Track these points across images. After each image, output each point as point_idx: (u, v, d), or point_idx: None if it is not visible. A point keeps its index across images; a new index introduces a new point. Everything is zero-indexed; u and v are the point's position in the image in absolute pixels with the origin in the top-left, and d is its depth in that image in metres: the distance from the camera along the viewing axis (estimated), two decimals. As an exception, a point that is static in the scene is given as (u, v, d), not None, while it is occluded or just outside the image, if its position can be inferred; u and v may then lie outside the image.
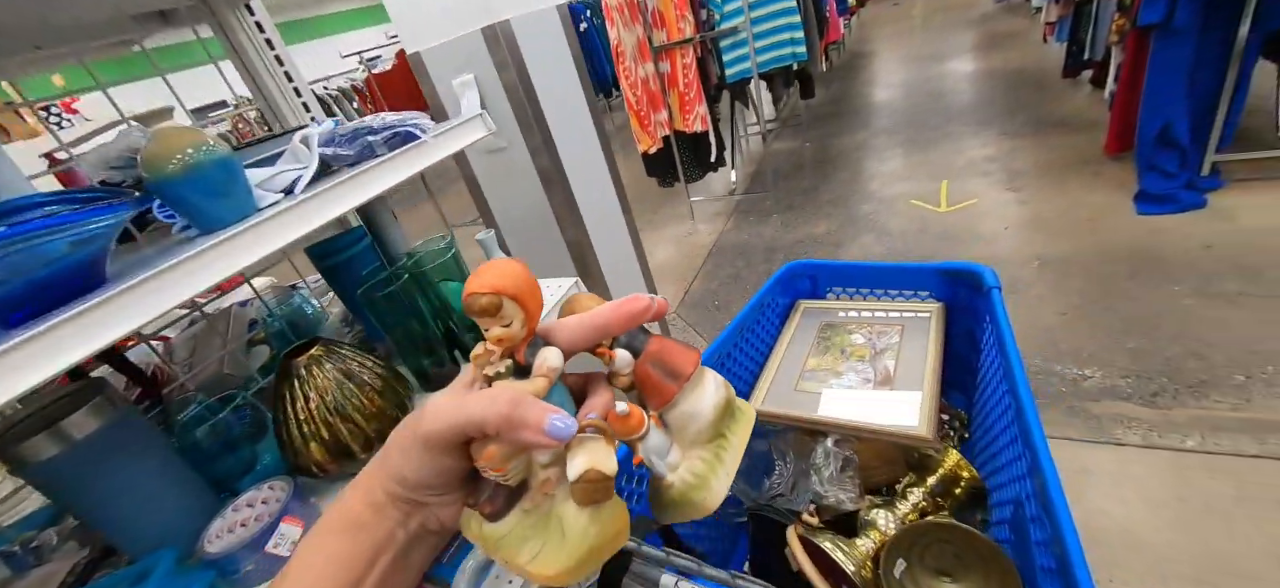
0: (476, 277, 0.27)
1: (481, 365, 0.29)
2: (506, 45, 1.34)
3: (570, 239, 1.65)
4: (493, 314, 0.27)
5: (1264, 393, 1.53)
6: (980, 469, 0.90)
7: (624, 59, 2.86)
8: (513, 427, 0.25)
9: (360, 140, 0.68)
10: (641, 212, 4.14)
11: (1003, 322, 0.85)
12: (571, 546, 0.27)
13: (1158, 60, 2.32)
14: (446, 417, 0.26)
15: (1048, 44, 4.87)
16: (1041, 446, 0.59)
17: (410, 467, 0.28)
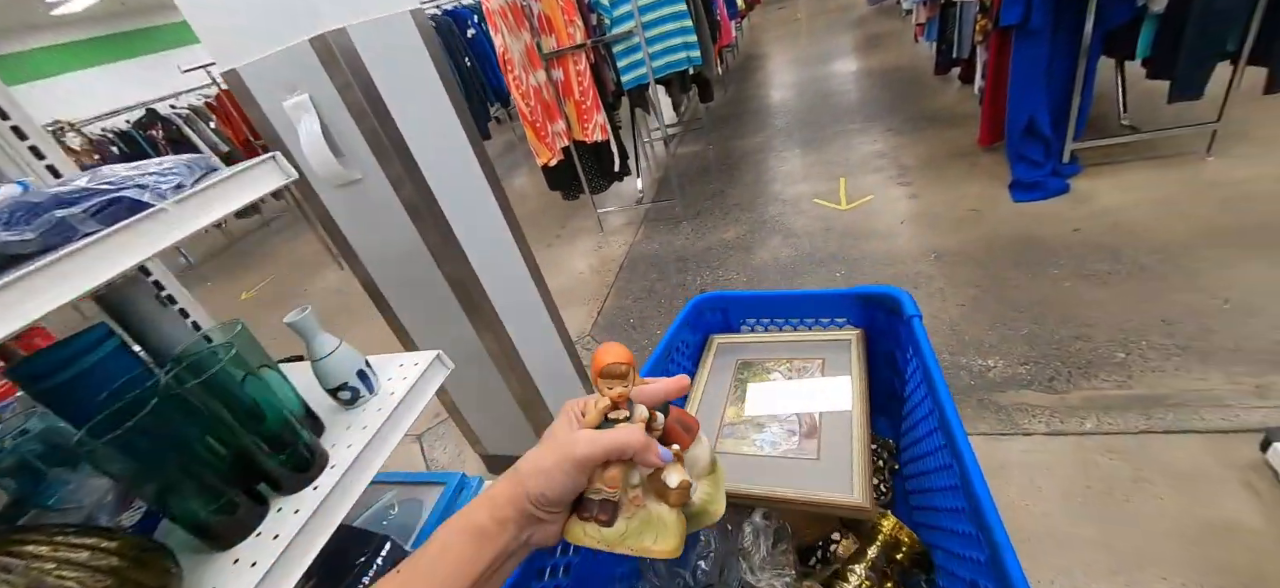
0: (609, 353, 0.42)
1: (612, 413, 0.43)
2: (345, 58, 1.10)
3: (451, 275, 1.43)
4: (624, 377, 0.42)
5: (1141, 367, 1.62)
6: (917, 512, 0.81)
7: (513, 67, 2.64)
8: (645, 453, 0.40)
9: (46, 217, 0.44)
10: (548, 226, 3.92)
11: (929, 356, 0.77)
12: (674, 530, 0.42)
13: (1018, 58, 2.48)
14: (601, 445, 0.39)
15: (918, 44, 5.24)
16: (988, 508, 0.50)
17: (553, 487, 0.39)
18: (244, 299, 4.93)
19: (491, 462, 2.04)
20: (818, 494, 0.73)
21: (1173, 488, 1.31)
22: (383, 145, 1.19)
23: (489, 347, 1.59)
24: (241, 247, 6.55)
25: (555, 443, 0.39)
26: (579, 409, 0.44)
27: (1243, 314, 1.67)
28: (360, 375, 0.72)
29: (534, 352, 1.73)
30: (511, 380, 1.68)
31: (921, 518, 0.84)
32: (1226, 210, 2.09)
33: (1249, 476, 1.29)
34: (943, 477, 0.72)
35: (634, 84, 2.92)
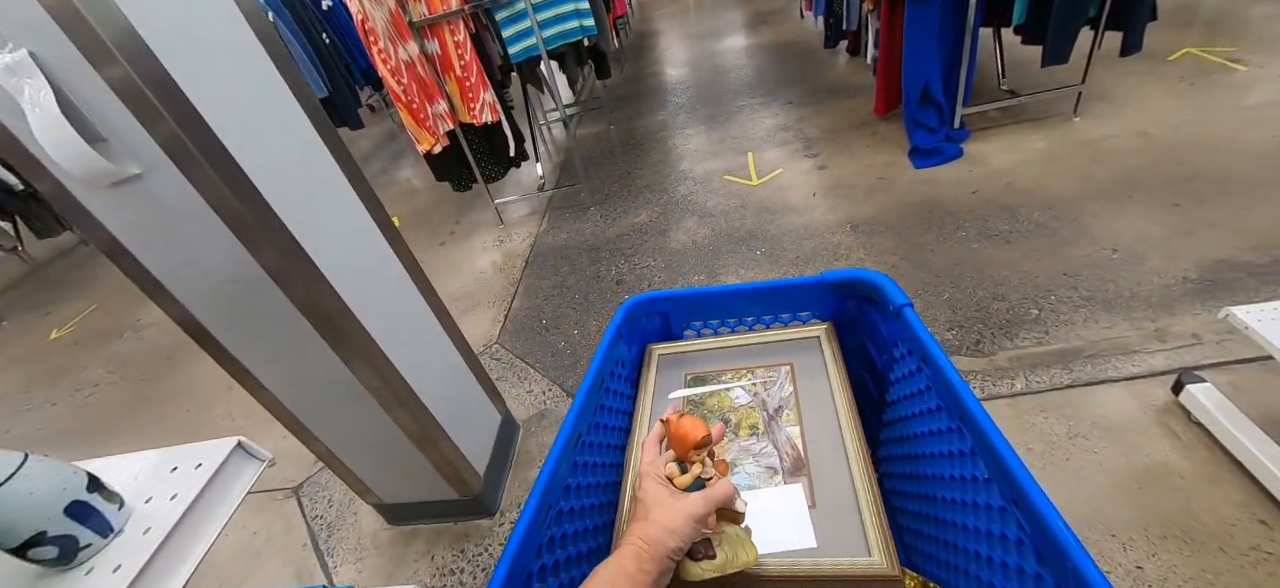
0: (696, 429, 0.53)
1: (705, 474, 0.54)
2: (92, 7, 0.73)
3: (303, 301, 1.09)
4: (710, 445, 0.55)
5: (1054, 321, 1.66)
6: (907, 532, 0.67)
7: (377, 39, 2.22)
8: (731, 500, 0.53)
9: None
10: (443, 223, 3.49)
11: (935, 351, 0.62)
12: (750, 542, 0.55)
13: (912, 26, 2.50)
14: (712, 502, 0.51)
15: (805, 19, 5.36)
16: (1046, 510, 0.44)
17: (683, 538, 0.49)
18: (54, 339, 3.97)
19: (391, 512, 1.70)
20: (820, 564, 0.55)
21: (1106, 441, 1.32)
22: (163, 123, 0.83)
23: (365, 380, 1.26)
24: (51, 272, 5.30)
25: (680, 507, 0.50)
26: (663, 474, 0.54)
27: (1131, 262, 1.77)
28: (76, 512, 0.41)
29: (426, 376, 1.42)
30: (400, 415, 1.36)
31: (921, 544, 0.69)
32: (1098, 164, 2.24)
33: (1166, 419, 1.33)
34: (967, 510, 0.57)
35: (522, 56, 2.60)
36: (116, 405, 2.84)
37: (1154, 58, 2.81)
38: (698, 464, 0.53)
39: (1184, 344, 1.49)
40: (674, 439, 0.54)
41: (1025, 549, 0.46)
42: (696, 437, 0.52)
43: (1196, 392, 1.30)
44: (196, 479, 0.47)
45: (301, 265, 1.06)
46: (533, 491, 0.56)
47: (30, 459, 0.40)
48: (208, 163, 0.88)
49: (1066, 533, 0.42)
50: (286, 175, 1.04)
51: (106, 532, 0.44)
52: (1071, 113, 2.59)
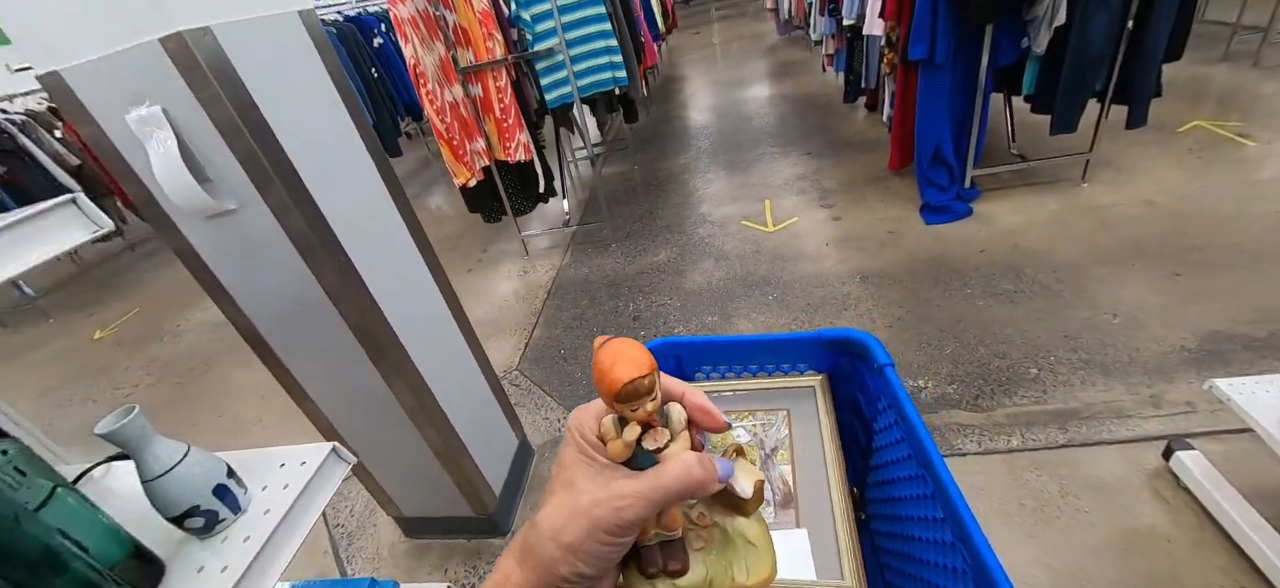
0: (624, 364, 0.29)
1: (649, 442, 0.31)
2: (210, 64, 0.89)
3: (353, 320, 1.22)
4: (651, 392, 0.29)
5: (1052, 382, 1.72)
6: (891, 572, 0.75)
7: (426, 81, 2.43)
8: (705, 487, 0.30)
9: None
10: (468, 251, 3.67)
11: (910, 411, 0.71)
12: (766, 546, 0.34)
13: (924, 90, 2.63)
14: (647, 497, 0.29)
15: (827, 73, 5.55)
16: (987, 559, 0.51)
17: (593, 563, 0.28)
18: (98, 339, 4.20)
19: (409, 525, 1.80)
20: (799, 580, 0.64)
21: (1096, 502, 1.37)
22: (263, 169, 0.98)
23: (401, 397, 1.38)
24: (98, 275, 5.61)
25: (584, 506, 0.29)
26: (595, 433, 0.32)
27: (1131, 328, 1.83)
28: (219, 492, 0.53)
29: (454, 397, 1.54)
30: (429, 432, 1.48)
31: (896, 580, 0.78)
32: (1104, 231, 2.32)
33: (1156, 484, 1.38)
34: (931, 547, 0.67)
35: (558, 103, 2.80)
36: (153, 407, 3.01)
37: (1163, 129, 2.90)
38: (635, 424, 0.30)
39: (1178, 411, 1.54)
40: (596, 375, 0.30)
41: (968, 579, 0.55)
42: (623, 376, 0.28)
43: (1186, 459, 1.35)
44: (302, 474, 0.59)
45: (356, 289, 1.20)
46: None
47: (191, 450, 0.52)
48: (290, 199, 1.03)
49: (995, 566, 0.51)
50: (351, 209, 1.19)
51: (237, 510, 0.56)
52: (1080, 179, 2.67)
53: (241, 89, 0.93)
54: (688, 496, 0.29)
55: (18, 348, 4.37)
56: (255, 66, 0.95)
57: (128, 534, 0.49)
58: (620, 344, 0.30)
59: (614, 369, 0.28)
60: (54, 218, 0.43)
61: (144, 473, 0.50)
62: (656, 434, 0.31)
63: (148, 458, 0.50)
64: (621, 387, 0.28)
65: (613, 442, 0.30)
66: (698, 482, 0.29)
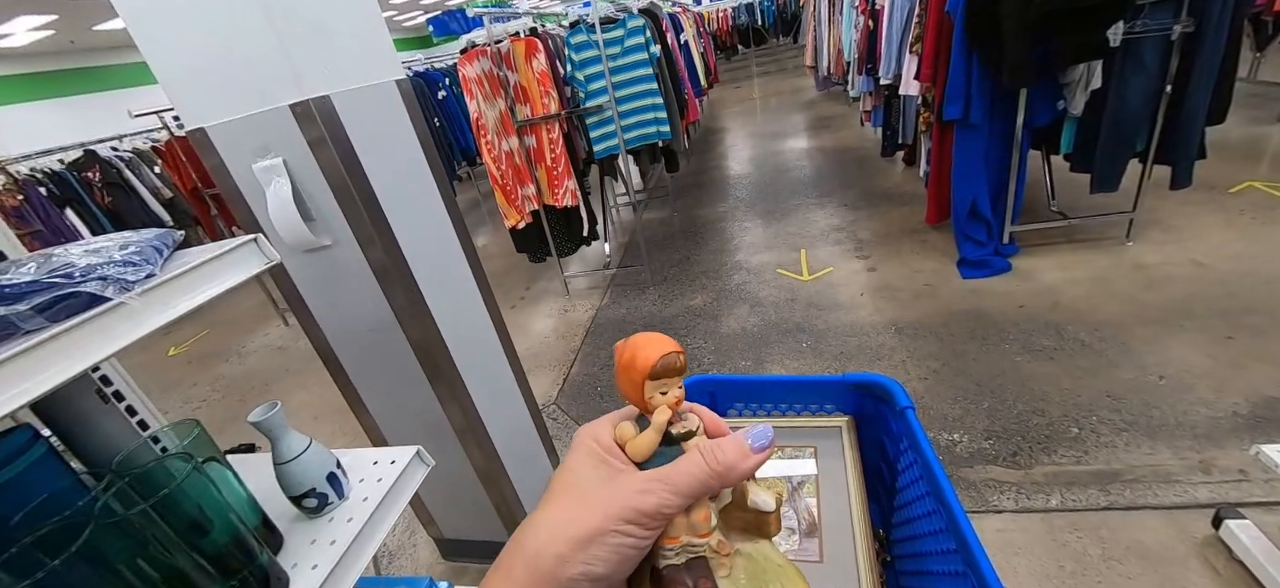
0: (655, 343, 0.28)
1: (675, 425, 0.29)
2: (326, 124, 1.06)
3: (416, 341, 1.35)
4: (683, 369, 0.29)
5: (1094, 442, 1.69)
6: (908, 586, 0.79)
7: (486, 133, 2.66)
8: (738, 468, 0.26)
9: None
10: (514, 288, 3.86)
11: (929, 453, 0.77)
12: (794, 570, 0.30)
13: (960, 148, 2.69)
14: (671, 482, 0.26)
15: (865, 127, 5.65)
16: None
17: (604, 563, 0.24)
18: (172, 355, 4.56)
19: (448, 547, 1.89)
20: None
21: (1141, 568, 1.34)
22: (357, 210, 1.14)
23: (452, 417, 1.50)
24: (172, 300, 6.08)
25: (597, 498, 0.25)
26: (612, 438, 0.29)
27: (1178, 390, 1.79)
28: (330, 480, 0.65)
29: (499, 421, 1.64)
30: (474, 453, 1.58)
31: (921, 613, 0.82)
32: (1150, 290, 2.28)
33: (1206, 553, 1.34)
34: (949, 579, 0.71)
35: (605, 154, 2.98)
36: (217, 421, 3.23)
37: (1213, 188, 2.85)
38: (667, 407, 0.29)
39: (1229, 479, 1.50)
40: (621, 367, 0.30)
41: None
42: (654, 353, 0.28)
43: (1236, 529, 1.31)
44: (392, 471, 0.70)
45: (421, 312, 1.34)
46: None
47: (313, 443, 0.64)
48: (374, 230, 1.18)
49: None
50: (422, 242, 1.34)
51: (342, 496, 0.67)
52: (1124, 237, 2.64)
53: (347, 144, 1.10)
54: (719, 481, 0.26)
55: (103, 362, 4.76)
56: (359, 125, 1.12)
57: (260, 507, 0.60)
58: (642, 334, 0.29)
59: (646, 348, 0.28)
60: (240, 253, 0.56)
61: (278, 457, 0.61)
62: (686, 419, 0.29)
63: (282, 446, 0.61)
64: (658, 360, 0.28)
65: (635, 439, 0.28)
66: (728, 464, 0.26)
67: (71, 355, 0.39)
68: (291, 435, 0.63)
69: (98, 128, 5.57)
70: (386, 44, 1.22)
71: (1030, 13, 2.09)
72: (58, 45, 8.58)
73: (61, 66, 9.09)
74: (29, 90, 8.73)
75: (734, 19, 15.99)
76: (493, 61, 2.59)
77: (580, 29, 2.74)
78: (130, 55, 9.67)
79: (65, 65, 9.14)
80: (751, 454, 0.27)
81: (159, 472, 0.47)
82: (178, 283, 0.49)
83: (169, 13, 0.99)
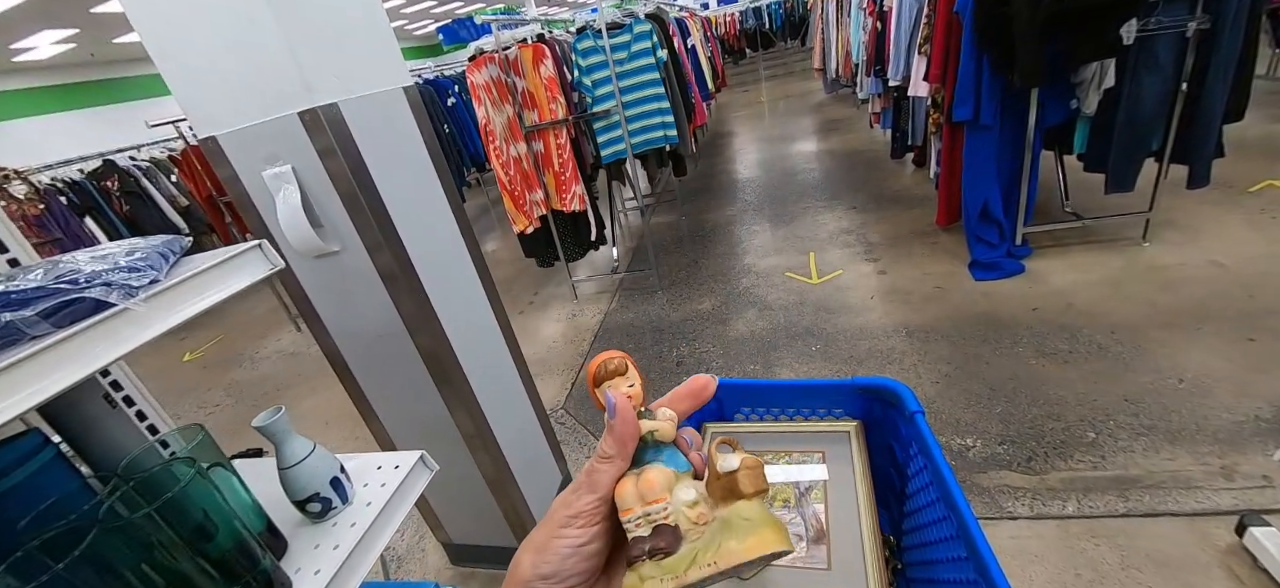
0: (597, 357, 0.32)
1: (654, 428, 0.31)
2: (334, 131, 1.07)
3: (424, 347, 1.36)
4: (623, 373, 0.32)
5: (1112, 447, 1.66)
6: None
7: (495, 138, 2.67)
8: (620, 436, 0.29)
9: (-11, 316, 0.37)
10: (522, 293, 3.87)
11: (938, 457, 0.76)
12: (766, 520, 0.28)
13: (970, 149, 2.66)
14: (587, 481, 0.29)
15: (874, 129, 5.61)
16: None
17: (555, 553, 0.28)
18: (187, 361, 4.62)
19: (456, 552, 1.89)
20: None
21: (1161, 577, 1.31)
22: (365, 217, 1.15)
23: (460, 423, 1.50)
24: (188, 306, 6.17)
25: (548, 512, 0.30)
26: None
27: (1197, 394, 1.75)
28: (334, 484, 0.65)
29: (507, 427, 1.64)
30: (483, 459, 1.58)
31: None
32: (1166, 292, 2.23)
33: (1229, 561, 1.31)
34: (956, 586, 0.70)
35: (612, 158, 2.99)
36: (232, 426, 3.27)
37: (1232, 188, 2.79)
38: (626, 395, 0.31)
39: (1253, 485, 1.46)
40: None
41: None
42: (596, 362, 0.32)
43: (1260, 536, 1.28)
44: (396, 476, 0.70)
45: (429, 319, 1.34)
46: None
47: (316, 447, 0.64)
48: (381, 236, 1.19)
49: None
50: (430, 249, 1.35)
51: (346, 500, 0.67)
52: (1140, 238, 2.59)
53: (355, 151, 1.11)
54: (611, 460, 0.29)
55: (120, 368, 4.85)
56: (367, 132, 1.13)
57: (265, 511, 0.60)
58: (604, 352, 0.33)
59: (595, 362, 0.32)
60: (245, 259, 0.56)
61: (282, 462, 0.62)
62: (653, 416, 0.32)
63: (286, 450, 0.62)
64: (596, 367, 0.31)
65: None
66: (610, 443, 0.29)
67: (77, 360, 0.40)
68: (295, 440, 0.63)
69: (116, 138, 5.69)
70: (394, 51, 1.23)
71: (1040, 12, 2.06)
72: (79, 58, 8.80)
73: (82, 78, 9.31)
74: (51, 102, 8.96)
75: (741, 23, 16.01)
76: (501, 68, 2.61)
77: (587, 34, 2.76)
78: (147, 67, 9.85)
79: (86, 77, 9.36)
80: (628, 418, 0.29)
81: (164, 476, 0.48)
82: (183, 288, 0.49)
83: (181, 22, 1.01)
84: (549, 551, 0.28)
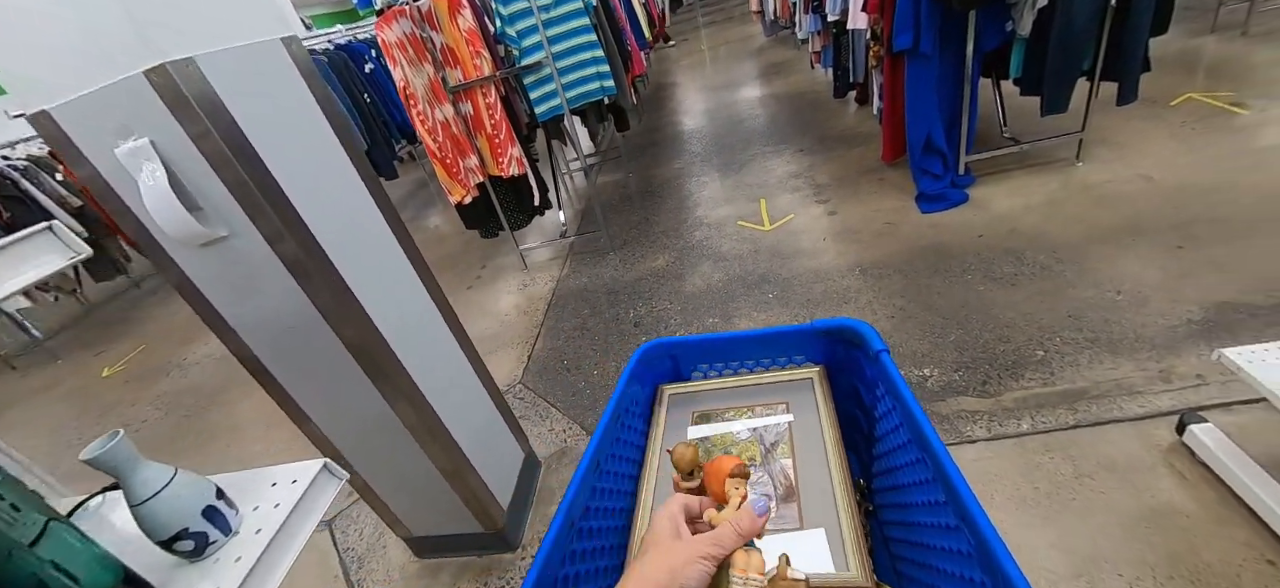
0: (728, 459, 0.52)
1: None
2: (195, 94, 0.89)
3: (351, 340, 1.22)
4: (747, 479, 0.52)
5: (1060, 363, 1.70)
6: (902, 562, 0.74)
7: (416, 102, 2.44)
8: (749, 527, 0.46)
9: None
10: (469, 267, 3.68)
11: (906, 394, 0.71)
12: None
13: (912, 81, 2.63)
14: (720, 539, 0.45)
15: (815, 69, 5.57)
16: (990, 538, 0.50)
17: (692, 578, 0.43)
18: (106, 376, 4.22)
19: (419, 545, 1.79)
20: (812, 573, 0.63)
21: (1112, 481, 1.35)
22: (253, 196, 0.98)
23: (403, 415, 1.38)
24: (103, 314, 5.65)
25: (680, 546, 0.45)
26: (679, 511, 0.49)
27: (1135, 304, 1.81)
28: (209, 514, 0.53)
29: (458, 414, 1.53)
30: (434, 450, 1.47)
31: (908, 570, 0.76)
32: (1102, 209, 2.30)
33: (1172, 459, 1.36)
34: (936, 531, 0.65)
35: (548, 116, 2.81)
36: (163, 440, 3.01)
37: (1155, 103, 2.89)
38: (737, 496, 0.48)
39: (1188, 385, 1.52)
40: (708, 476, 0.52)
41: (973, 561, 0.53)
42: (729, 466, 0.50)
43: (1199, 432, 1.33)
44: (293, 492, 0.58)
45: (352, 310, 1.20)
46: (558, 509, 0.65)
47: (178, 472, 0.52)
48: (282, 224, 1.03)
49: (1000, 547, 0.50)
50: (342, 229, 1.19)
51: (228, 531, 0.55)
52: (1074, 158, 2.66)
53: (228, 118, 0.94)
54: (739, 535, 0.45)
55: (27, 391, 4.40)
56: (241, 95, 0.96)
57: (117, 562, 0.48)
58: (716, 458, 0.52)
59: (723, 462, 0.51)
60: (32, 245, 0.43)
61: (131, 497, 0.49)
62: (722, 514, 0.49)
63: (135, 483, 0.49)
64: (731, 469, 0.50)
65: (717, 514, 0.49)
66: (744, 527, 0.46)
67: None
68: (147, 469, 0.51)
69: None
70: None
71: (977, -71, 2.00)
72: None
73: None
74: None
75: (677, -31, 15.51)
76: (414, 22, 2.37)
77: (509, -19, 2.53)
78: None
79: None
80: (755, 518, 0.47)
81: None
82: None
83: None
84: (688, 576, 0.42)
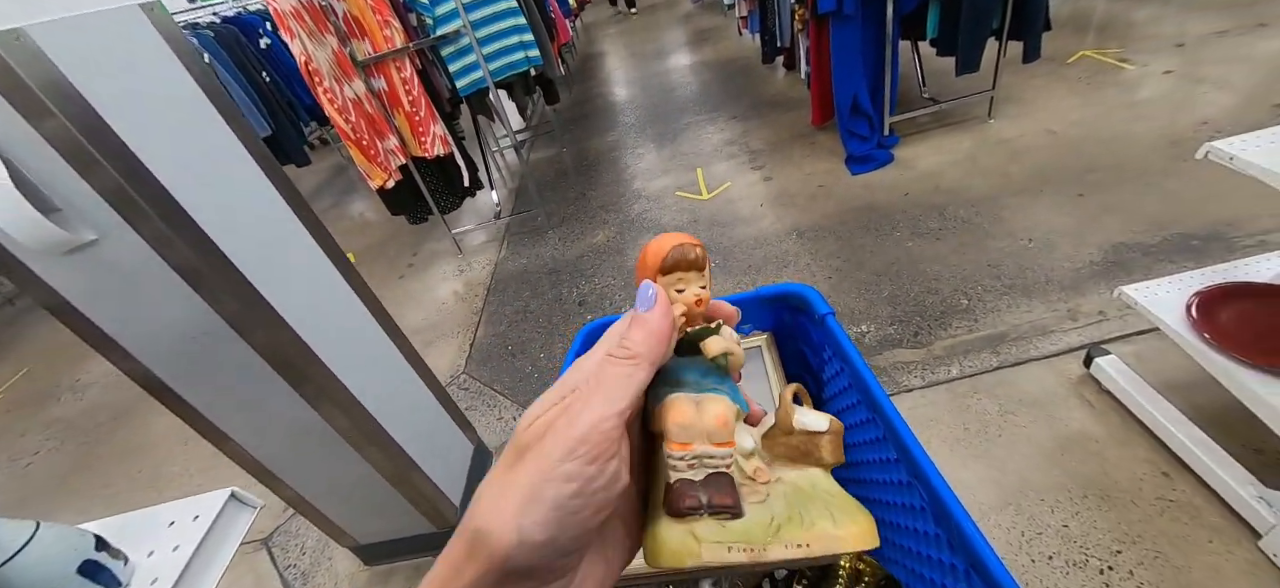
0: (671, 237, 0.26)
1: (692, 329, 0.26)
2: (32, 73, 0.74)
3: (264, 346, 1.10)
4: (700, 269, 0.26)
5: (981, 310, 1.81)
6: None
7: (322, 79, 2.22)
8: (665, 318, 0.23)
9: None
10: (399, 256, 3.46)
11: (854, 355, 0.71)
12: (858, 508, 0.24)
13: (837, 43, 2.68)
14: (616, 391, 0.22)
15: (743, 36, 5.59)
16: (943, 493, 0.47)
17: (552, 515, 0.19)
18: (-20, 408, 3.69)
19: (368, 552, 1.69)
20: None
21: (1031, 415, 1.46)
22: (125, 194, 0.84)
23: (333, 420, 1.27)
24: (-34, 339, 4.92)
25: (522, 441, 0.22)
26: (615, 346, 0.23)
27: (1044, 249, 1.95)
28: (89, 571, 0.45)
29: (397, 414, 1.43)
30: (372, 453, 1.37)
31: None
32: (1014, 162, 2.46)
33: (1081, 390, 1.48)
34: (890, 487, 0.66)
35: (471, 90, 2.65)
36: (60, 472, 2.68)
37: (1055, 61, 3.10)
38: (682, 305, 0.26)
39: (1093, 321, 1.66)
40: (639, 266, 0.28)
41: (927, 515, 0.54)
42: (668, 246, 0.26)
43: (1104, 364, 1.46)
44: (195, 531, 0.51)
45: (261, 312, 1.08)
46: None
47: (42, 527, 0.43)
48: (160, 219, 0.90)
49: (952, 499, 0.50)
50: (239, 223, 1.06)
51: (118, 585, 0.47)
52: (987, 115, 2.82)
53: (78, 100, 0.79)
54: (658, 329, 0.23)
55: (-123, 435, 3.79)
56: (95, 74, 0.81)
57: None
58: (658, 236, 0.27)
59: (656, 244, 0.26)
60: None
61: (-18, 573, 0.40)
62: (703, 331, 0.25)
63: (-17, 554, 0.40)
64: (667, 253, 0.25)
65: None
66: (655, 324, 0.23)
67: None
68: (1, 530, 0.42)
69: None
70: (120, -47, 0.88)
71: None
72: None
73: None
74: None
75: (600, -66, 15.04)
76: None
77: (419, -58, 2.33)
78: None
79: None
80: (645, 315, 0.23)
81: None
82: None
83: None
84: (542, 501, 0.19)
